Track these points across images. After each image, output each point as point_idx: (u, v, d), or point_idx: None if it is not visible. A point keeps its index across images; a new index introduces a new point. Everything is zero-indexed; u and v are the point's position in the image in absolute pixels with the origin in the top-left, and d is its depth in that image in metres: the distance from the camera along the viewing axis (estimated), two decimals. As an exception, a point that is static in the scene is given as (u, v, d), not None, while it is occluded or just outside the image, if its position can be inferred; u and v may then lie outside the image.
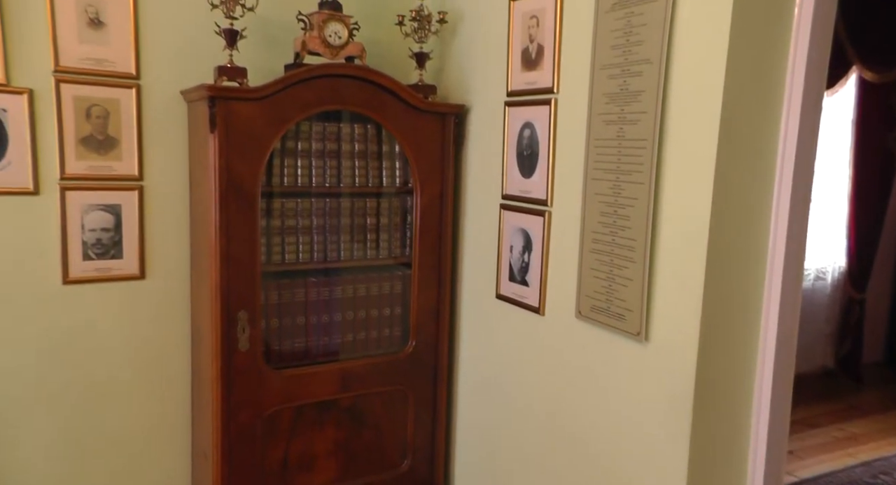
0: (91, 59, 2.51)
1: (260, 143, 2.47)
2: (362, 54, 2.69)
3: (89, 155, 2.53)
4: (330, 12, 2.61)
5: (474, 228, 2.84)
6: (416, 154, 2.76)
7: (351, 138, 2.74)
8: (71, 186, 2.51)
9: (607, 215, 2.11)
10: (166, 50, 2.65)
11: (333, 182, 2.72)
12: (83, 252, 2.56)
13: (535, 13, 2.42)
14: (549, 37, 2.36)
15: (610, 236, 2.10)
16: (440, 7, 2.90)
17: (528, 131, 2.49)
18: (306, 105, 2.54)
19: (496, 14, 2.63)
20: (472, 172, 2.84)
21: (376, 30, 2.97)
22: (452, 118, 2.80)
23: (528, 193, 2.49)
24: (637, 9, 1.98)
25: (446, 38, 2.95)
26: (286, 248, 2.66)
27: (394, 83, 2.65)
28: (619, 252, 2.06)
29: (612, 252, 2.09)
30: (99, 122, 2.54)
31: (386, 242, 2.87)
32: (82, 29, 2.49)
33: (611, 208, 2.09)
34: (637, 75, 1.99)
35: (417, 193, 2.78)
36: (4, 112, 2.39)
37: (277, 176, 2.61)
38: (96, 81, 2.52)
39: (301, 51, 2.59)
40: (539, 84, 2.42)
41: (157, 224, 2.70)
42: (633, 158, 2.00)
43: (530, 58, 2.46)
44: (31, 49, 2.41)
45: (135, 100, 2.59)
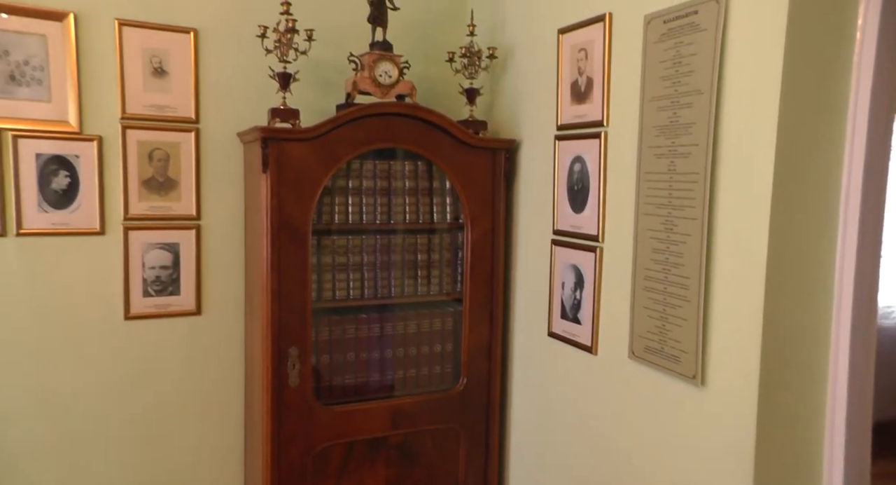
0: (154, 105, 2.59)
1: (311, 182, 2.48)
2: (412, 92, 2.68)
3: (150, 196, 2.60)
4: (380, 52, 2.63)
5: (525, 263, 2.76)
6: (466, 190, 2.72)
7: (402, 175, 2.73)
8: (133, 226, 2.58)
9: (659, 252, 2.00)
10: (224, 94, 2.72)
11: (384, 219, 2.71)
12: (143, 289, 2.62)
13: (584, 46, 2.36)
14: (598, 69, 2.30)
15: (662, 274, 1.99)
16: (490, 43, 2.88)
17: (578, 165, 2.41)
18: (357, 144, 2.54)
19: (545, 48, 2.59)
20: (523, 207, 2.77)
21: (426, 67, 2.98)
22: (503, 153, 2.76)
23: (580, 229, 2.40)
24: (686, 38, 1.89)
25: (496, 74, 2.92)
26: (337, 284, 2.65)
27: (444, 120, 2.63)
28: (672, 290, 1.95)
29: (665, 290, 1.98)
30: (160, 164, 2.61)
31: (437, 278, 2.82)
32: (147, 78, 2.58)
33: (663, 245, 1.99)
34: (687, 107, 1.90)
35: (468, 228, 2.74)
36: (77, 158, 2.49)
37: (328, 214, 2.62)
38: (159, 127, 2.60)
39: (352, 91, 2.61)
40: (589, 117, 2.35)
41: (213, 262, 2.74)
42: (685, 192, 1.90)
43: (580, 91, 2.40)
44: (102, 98, 2.52)
45: (194, 143, 2.66)
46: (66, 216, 2.49)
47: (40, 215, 2.45)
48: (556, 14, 2.52)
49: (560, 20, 2.49)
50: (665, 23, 1.98)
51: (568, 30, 2.44)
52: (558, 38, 2.49)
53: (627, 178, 2.16)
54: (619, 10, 2.20)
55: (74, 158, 2.48)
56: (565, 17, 2.46)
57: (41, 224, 2.45)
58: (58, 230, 2.48)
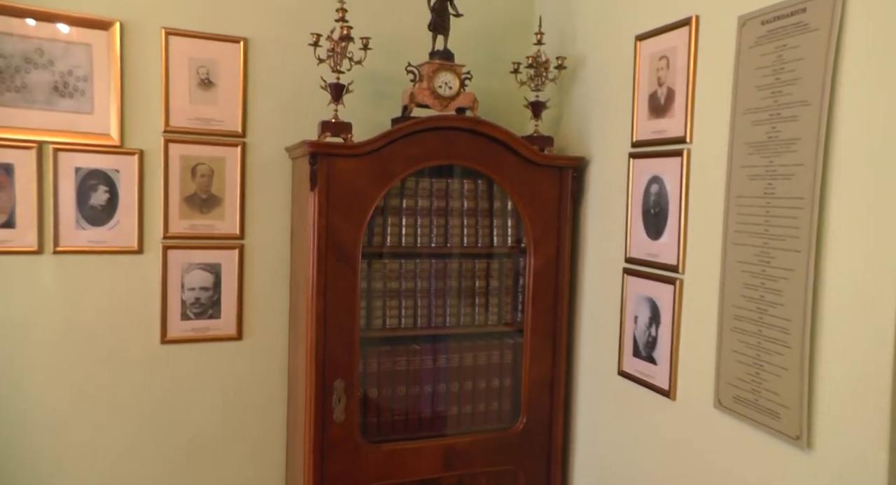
0: (200, 118, 2.47)
1: (363, 200, 2.31)
2: (474, 105, 2.49)
3: (192, 214, 2.48)
4: (441, 62, 2.45)
5: (594, 293, 2.52)
6: (530, 211, 2.50)
7: (460, 195, 2.53)
8: (173, 244, 2.46)
9: (753, 288, 1.74)
10: (272, 107, 2.58)
11: (440, 242, 2.51)
12: (182, 311, 2.48)
13: (665, 53, 2.13)
14: (680, 79, 2.06)
15: (756, 313, 1.72)
16: (558, 52, 2.67)
17: (655, 187, 2.17)
18: (413, 160, 2.36)
19: (620, 56, 2.36)
20: (592, 232, 2.53)
21: (489, 79, 2.79)
22: (570, 172, 2.53)
23: (656, 257, 2.15)
24: (791, 40, 1.64)
25: (565, 86, 2.70)
26: (388, 312, 2.46)
27: (507, 135, 2.42)
28: (769, 333, 1.68)
29: (759, 333, 1.71)
30: (203, 180, 2.49)
31: (496, 306, 2.61)
32: (193, 89, 2.46)
33: (757, 280, 1.72)
34: (790, 120, 1.64)
35: (531, 253, 2.51)
36: (117, 173, 2.38)
37: (380, 235, 2.44)
38: (203, 141, 2.48)
39: (409, 103, 2.43)
40: (669, 133, 2.11)
41: (255, 284, 2.59)
42: (787, 220, 1.64)
43: (658, 103, 2.16)
44: (145, 111, 2.41)
45: (239, 158, 2.52)
46: (104, 233, 2.37)
47: (78, 232, 2.34)
48: (634, 19, 2.29)
49: (638, 26, 2.26)
50: (763, 24, 1.73)
51: (647, 36, 2.21)
52: (635, 46, 2.26)
53: (714, 201, 1.91)
54: (708, 12, 1.96)
55: (114, 173, 2.38)
56: (644, 22, 2.24)
57: (78, 242, 2.35)
58: (95, 248, 2.37)
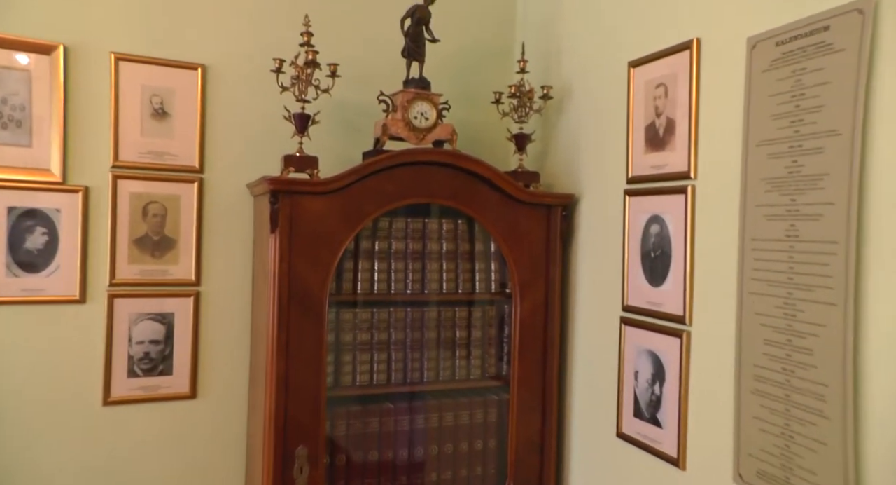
0: (152, 152, 2.22)
1: (330, 243, 2.06)
2: (453, 137, 2.27)
3: (143, 258, 2.21)
4: (416, 91, 2.23)
5: (588, 344, 2.26)
6: (515, 253, 2.26)
7: (438, 236, 2.29)
8: (120, 293, 2.18)
9: (777, 345, 1.49)
10: (233, 139, 2.33)
11: (417, 288, 2.26)
12: (129, 367, 2.19)
13: (663, 80, 1.92)
14: (681, 108, 1.84)
15: (782, 375, 1.48)
16: (543, 81, 2.46)
17: (656, 227, 1.94)
18: (386, 198, 2.12)
19: (612, 85, 2.15)
20: (585, 276, 2.29)
21: (469, 109, 2.57)
22: (559, 210, 2.30)
23: (659, 306, 1.91)
24: (812, 63, 1.43)
25: (550, 117, 2.48)
26: (358, 367, 2.19)
27: (489, 170, 2.19)
28: (799, 400, 1.44)
29: (787, 398, 1.46)
30: (156, 221, 2.22)
31: (479, 359, 2.34)
32: (146, 120, 2.22)
33: (782, 336, 1.48)
34: (815, 153, 1.42)
35: (517, 299, 2.26)
36: (58, 213, 2.11)
37: (350, 282, 2.18)
38: (156, 177, 2.22)
39: (381, 135, 2.20)
40: (669, 167, 1.89)
41: (212, 336, 2.31)
42: (816, 267, 1.41)
43: (657, 135, 1.94)
44: (90, 143, 2.15)
45: (196, 195, 2.27)
46: (41, 281, 2.10)
47: (9, 281, 2.06)
48: (626, 44, 2.09)
49: (631, 51, 2.06)
50: (778, 45, 1.52)
51: (642, 62, 2.00)
52: (629, 73, 2.05)
53: (724, 245, 1.68)
54: (711, 34, 1.76)
55: (54, 213, 2.11)
56: (638, 46, 2.03)
57: (10, 291, 2.06)
58: (29, 298, 2.08)
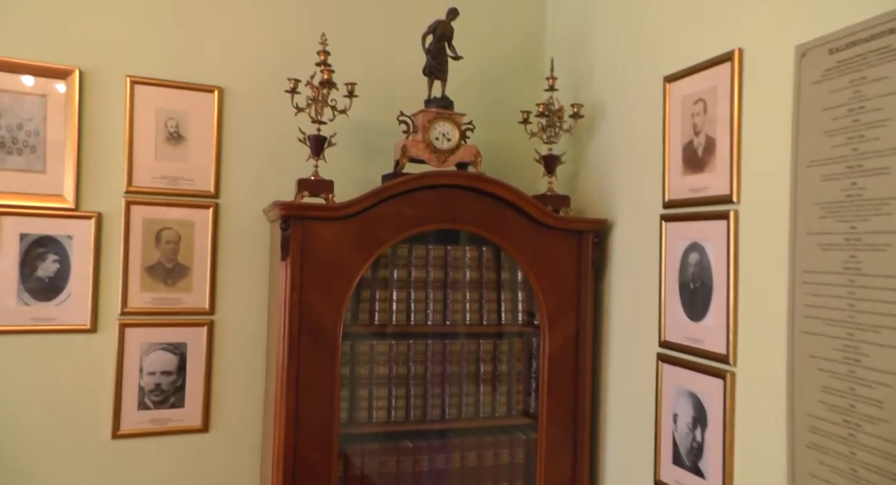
0: (167, 177, 2.16)
1: (345, 272, 1.94)
2: (477, 159, 2.14)
3: (155, 285, 2.13)
4: (438, 110, 2.11)
5: (622, 382, 2.08)
6: (544, 283, 2.11)
7: (462, 264, 2.16)
8: (132, 322, 2.10)
9: (837, 394, 1.31)
10: (250, 163, 2.25)
11: (438, 319, 2.12)
12: (139, 399, 2.10)
13: (702, 95, 1.75)
14: (722, 125, 1.68)
15: (845, 429, 1.29)
16: (574, 99, 2.31)
17: (695, 255, 1.76)
18: (405, 224, 2.01)
19: (646, 102, 2.00)
20: (618, 308, 2.12)
21: (495, 130, 2.45)
22: (591, 237, 2.14)
23: (699, 343, 1.73)
24: (874, 71, 1.26)
25: (581, 137, 2.34)
26: (375, 403, 2.06)
27: (516, 194, 2.06)
28: (868, 460, 1.24)
29: (852, 456, 1.27)
30: (169, 247, 2.15)
31: (505, 395, 2.18)
32: (160, 144, 2.15)
33: (843, 383, 1.30)
34: (879, 174, 1.24)
35: (546, 332, 2.11)
36: (70, 240, 2.05)
37: (367, 312, 2.06)
38: (170, 202, 2.15)
39: (401, 158, 2.09)
40: (710, 191, 1.72)
41: (226, 367, 2.21)
42: (883, 305, 1.22)
43: (695, 155, 1.78)
44: (104, 169, 2.09)
45: (211, 221, 2.19)
46: (51, 310, 2.03)
47: (20, 309, 2.00)
48: (661, 58, 1.94)
49: (666, 65, 1.90)
50: (832, 53, 1.35)
51: (678, 76, 1.84)
52: (664, 89, 1.90)
53: (773, 276, 1.50)
54: (754, 44, 1.59)
55: (66, 240, 2.05)
56: (673, 60, 1.88)
57: (20, 320, 2.00)
58: (39, 327, 2.01)
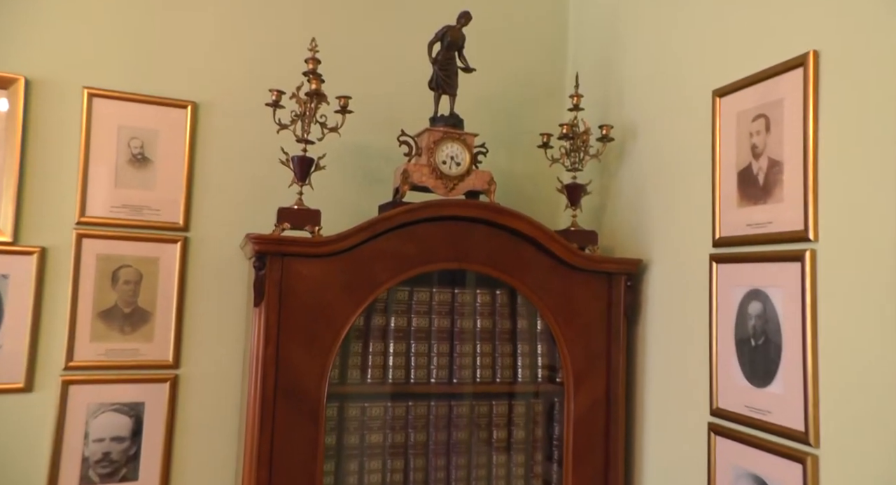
0: (128, 206, 1.86)
1: (332, 320, 1.64)
2: (490, 187, 1.85)
3: (109, 334, 1.81)
4: (446, 130, 1.82)
5: (663, 455, 1.74)
6: (567, 333, 1.79)
7: (472, 311, 1.85)
8: (78, 377, 1.77)
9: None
10: (227, 190, 1.96)
11: (443, 376, 1.80)
12: (82, 473, 1.76)
13: (763, 111, 1.46)
14: (791, 145, 1.38)
15: None
16: (601, 119, 2.02)
17: (756, 305, 1.45)
18: (405, 263, 1.71)
19: (690, 120, 1.70)
20: (657, 366, 1.79)
21: (511, 154, 2.19)
22: (623, 279, 1.83)
23: (765, 415, 1.40)
24: None
25: (610, 164, 2.04)
26: (367, 478, 1.72)
27: (536, 228, 1.77)
28: None
29: None
30: (128, 289, 1.84)
31: (522, 467, 1.84)
32: (122, 168, 1.86)
33: None
34: None
35: (570, 393, 1.78)
36: (5, 279, 1.74)
37: (357, 368, 1.74)
38: (131, 235, 1.85)
39: (402, 184, 1.79)
40: (776, 226, 1.41)
41: (191, 432, 1.87)
42: None
43: (755, 183, 1.47)
44: (52, 196, 1.79)
45: (179, 257, 1.88)
46: (-23, 365, 1.72)
47: (-61, 364, 1.69)
48: (709, 68, 1.65)
49: (716, 76, 1.61)
50: (954, 50, 1.06)
51: (731, 89, 1.55)
52: (714, 104, 1.60)
53: (868, 333, 1.18)
54: (833, 44, 1.30)
55: (1, 280, 1.74)
56: (724, 70, 1.59)
57: (-61, 377, 1.69)
58: (-39, 387, 1.70)
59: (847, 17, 1.28)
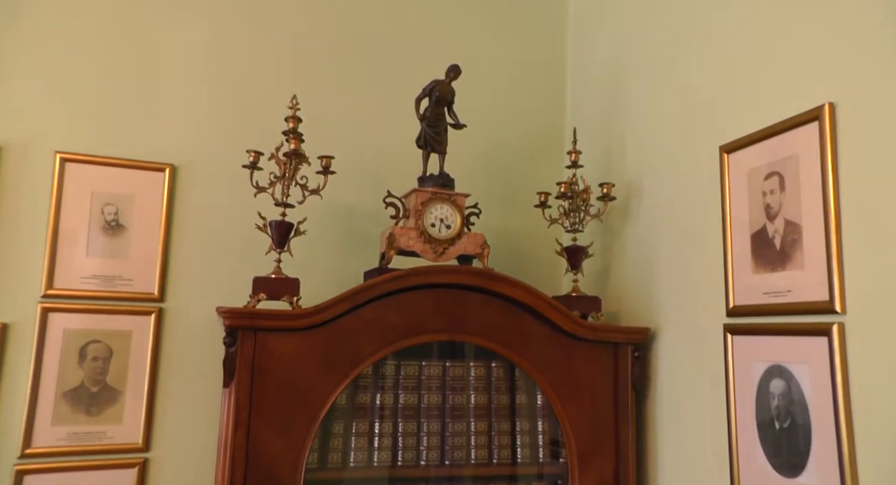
0: (99, 277, 1.74)
1: (311, 399, 1.50)
2: (484, 251, 1.73)
3: (74, 416, 1.67)
4: (435, 190, 1.71)
5: (681, 546, 1.56)
6: (570, 409, 1.64)
7: (465, 386, 1.71)
8: (36, 466, 1.61)
9: None
10: (206, 258, 1.84)
11: (434, 458, 1.64)
12: None
13: (775, 167, 1.33)
14: (810, 205, 1.24)
15: None
16: (602, 177, 1.90)
17: (779, 383, 1.29)
18: (392, 334, 1.58)
19: (697, 179, 1.58)
20: (669, 444, 1.61)
21: (506, 215, 2.09)
22: (629, 350, 1.68)
23: (796, 511, 1.23)
24: None
25: (613, 224, 1.90)
26: None
27: (534, 295, 1.66)
28: None
29: None
30: (96, 366, 1.70)
31: (524, 562, 1.66)
32: (94, 236, 1.75)
33: None
34: None
35: (575, 474, 1.62)
36: (-42, 358, 1.62)
37: (339, 451, 1.59)
38: (103, 308, 1.73)
39: (387, 250, 1.67)
40: (797, 295, 1.27)
41: (162, 526, 1.71)
42: None
43: (771, 247, 1.33)
44: (15, 266, 1.67)
45: (153, 331, 1.75)
46: (-75, 453, 1.57)
47: None
48: (716, 122, 1.53)
49: (724, 131, 1.49)
50: None
51: (741, 145, 1.43)
52: (722, 161, 1.48)
53: (911, 422, 1.02)
54: (850, 97, 1.18)
55: (-45, 359, 1.62)
56: (733, 125, 1.47)
57: None
58: None
59: (862, 67, 1.17)
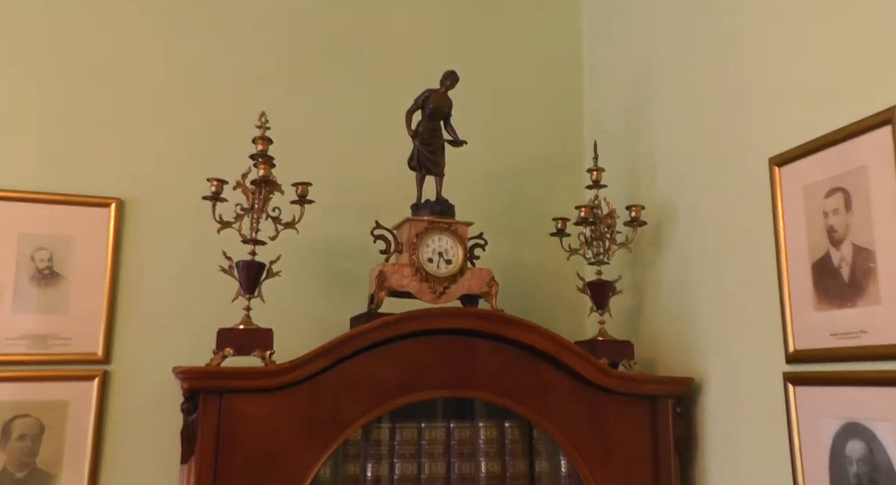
0: (29, 337, 1.70)
1: (288, 472, 1.50)
2: (491, 290, 1.75)
3: (-7, 510, 1.60)
4: (431, 219, 1.72)
5: None
6: (600, 476, 1.65)
7: (473, 451, 1.70)
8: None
9: None
10: (160, 310, 1.83)
11: (439, 540, 1.59)
12: None
13: (839, 182, 1.30)
14: (885, 227, 1.22)
15: None
16: (629, 199, 1.87)
17: (858, 445, 1.24)
18: (382, 392, 1.60)
19: (743, 196, 1.61)
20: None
21: (517, 246, 2.13)
22: (670, 404, 1.69)
23: None
24: None
25: (644, 253, 1.89)
26: None
27: (552, 341, 1.65)
28: None
29: None
30: (23, 446, 1.65)
31: None
32: (22, 288, 1.71)
33: None
34: None
35: (610, 558, 1.55)
36: None
37: (324, 535, 1.53)
38: (32, 374, 1.70)
39: (377, 291, 1.64)
40: (874, 336, 1.25)
41: None
42: None
43: (837, 277, 1.30)
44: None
45: (95, 399, 1.71)
46: None
47: None
48: (764, 130, 1.53)
49: (774, 141, 1.50)
50: None
51: (794, 156, 1.43)
52: (773, 175, 1.47)
53: None
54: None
55: None
56: (784, 134, 1.45)
57: None
58: None
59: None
